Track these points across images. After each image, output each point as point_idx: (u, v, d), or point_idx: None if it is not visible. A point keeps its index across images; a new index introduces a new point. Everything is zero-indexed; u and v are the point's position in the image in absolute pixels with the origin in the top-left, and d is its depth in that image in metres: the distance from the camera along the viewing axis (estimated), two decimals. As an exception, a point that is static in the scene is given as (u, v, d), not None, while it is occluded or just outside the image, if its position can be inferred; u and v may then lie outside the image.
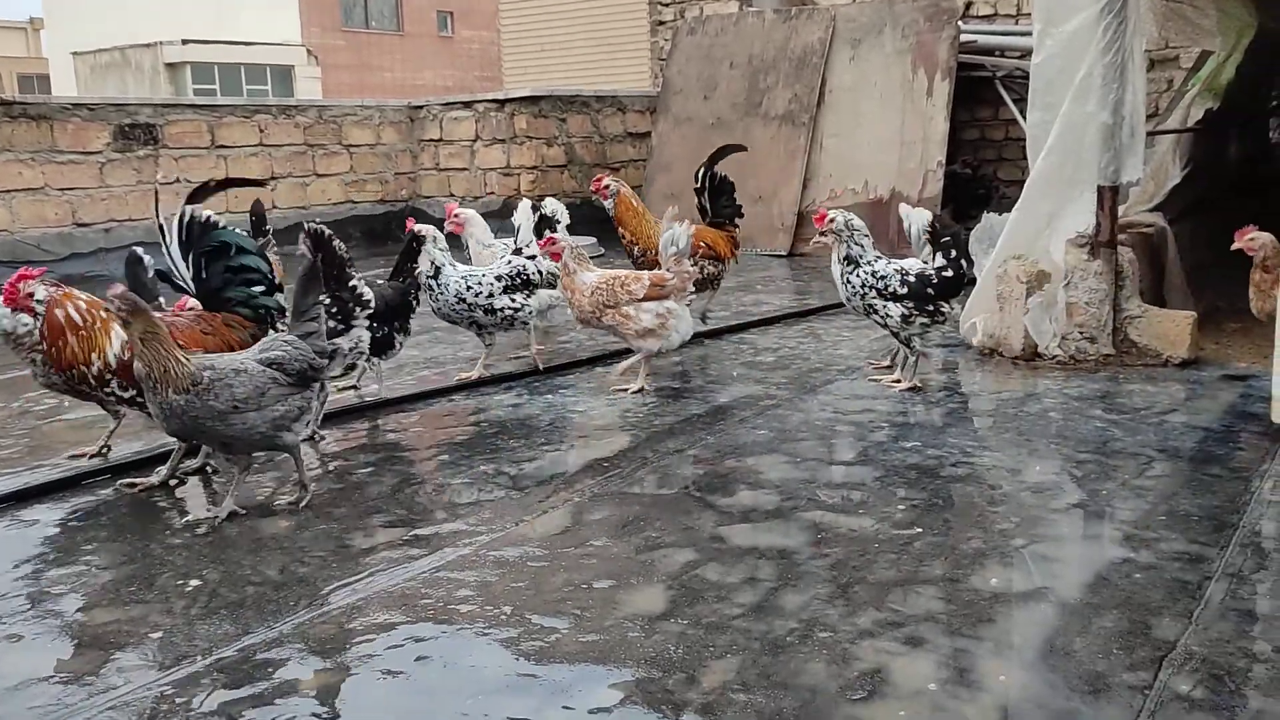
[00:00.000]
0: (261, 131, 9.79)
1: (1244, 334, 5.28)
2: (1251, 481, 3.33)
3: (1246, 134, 6.70)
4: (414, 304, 4.64)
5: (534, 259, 4.87)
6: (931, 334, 4.58)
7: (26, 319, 3.46)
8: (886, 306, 4.43)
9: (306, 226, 3.92)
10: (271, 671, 2.32)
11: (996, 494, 3.32)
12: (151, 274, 3.95)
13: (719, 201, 5.88)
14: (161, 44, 31.76)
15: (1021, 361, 5.00)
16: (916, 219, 4.76)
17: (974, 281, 4.88)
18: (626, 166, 11.40)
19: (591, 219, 8.58)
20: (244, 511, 3.28)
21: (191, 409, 3.06)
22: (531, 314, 4.86)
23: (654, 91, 11.80)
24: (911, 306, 4.41)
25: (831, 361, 5.17)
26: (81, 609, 2.67)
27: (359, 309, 3.96)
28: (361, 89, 31.73)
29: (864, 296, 4.47)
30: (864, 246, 4.49)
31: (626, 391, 4.59)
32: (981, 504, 3.24)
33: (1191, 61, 8.13)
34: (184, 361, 3.07)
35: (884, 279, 4.43)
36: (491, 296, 4.72)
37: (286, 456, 3.44)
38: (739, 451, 3.79)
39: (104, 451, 3.84)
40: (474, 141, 10.87)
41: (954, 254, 4.44)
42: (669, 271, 4.58)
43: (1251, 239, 4.57)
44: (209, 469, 3.72)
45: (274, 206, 9.34)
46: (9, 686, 2.30)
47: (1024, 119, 5.84)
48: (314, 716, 2.16)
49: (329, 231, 3.85)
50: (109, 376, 3.47)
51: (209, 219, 3.74)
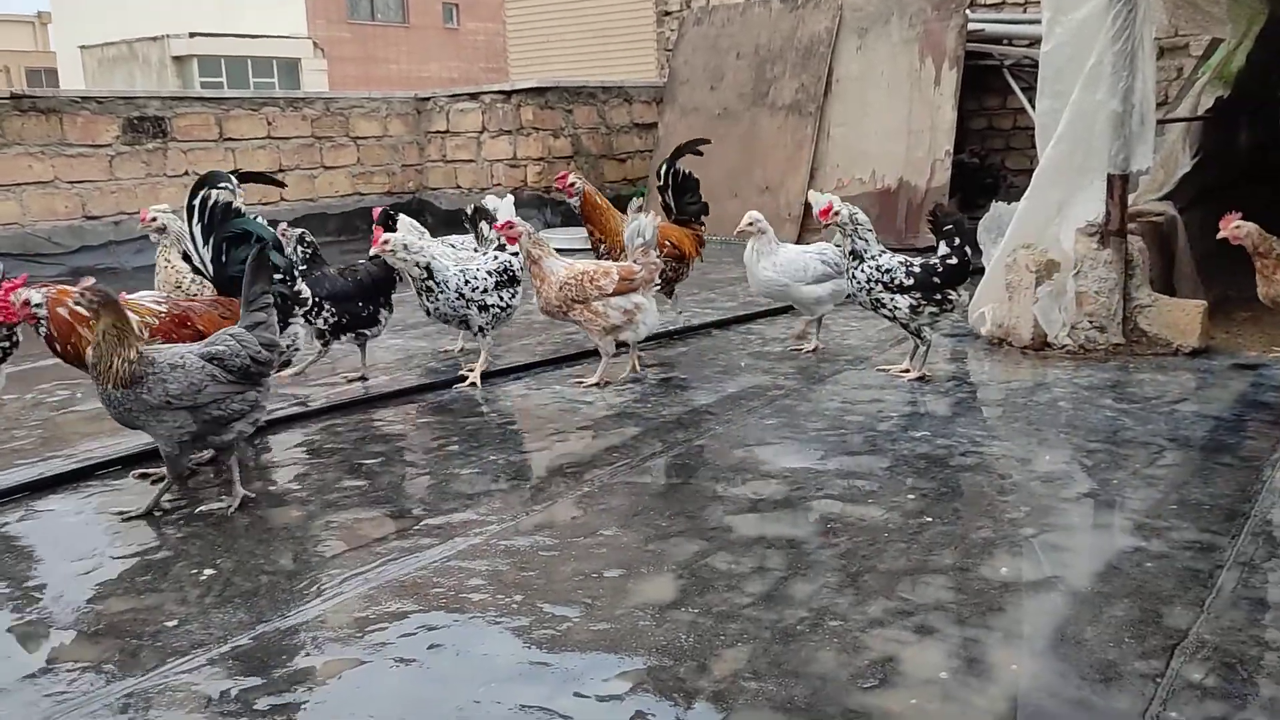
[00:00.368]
0: (269, 124, 9.80)
1: (1254, 323, 5.27)
2: (1263, 470, 3.32)
3: (1257, 122, 6.65)
4: (396, 280, 4.68)
5: (517, 255, 4.74)
6: (941, 323, 4.57)
7: None
8: (894, 299, 4.44)
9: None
10: (286, 659, 2.34)
11: (1006, 483, 3.32)
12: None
13: (683, 199, 5.72)
14: (168, 37, 31.77)
15: (1031, 351, 4.99)
16: (844, 211, 4.92)
17: (980, 269, 4.88)
18: (633, 157, 11.39)
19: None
20: (254, 497, 3.32)
21: (126, 401, 3.07)
22: (515, 310, 4.77)
23: (660, 82, 11.77)
24: (919, 297, 4.42)
25: (840, 351, 5.17)
26: (97, 598, 2.69)
27: (296, 306, 3.95)
28: (367, 81, 31.69)
29: (870, 291, 4.48)
30: (868, 241, 4.49)
31: (582, 384, 4.62)
32: (991, 493, 3.24)
33: (1202, 49, 8.09)
34: (132, 361, 3.05)
35: (889, 272, 4.44)
36: (487, 292, 4.62)
37: (299, 449, 3.46)
38: (748, 441, 3.80)
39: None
40: (481, 133, 10.87)
41: (958, 242, 4.45)
42: (636, 263, 4.59)
43: (1236, 227, 4.54)
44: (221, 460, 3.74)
45: (282, 199, 9.36)
46: (27, 674, 2.32)
47: (1032, 108, 5.81)
48: (328, 704, 2.18)
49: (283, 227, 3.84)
50: None
51: (231, 205, 3.76)
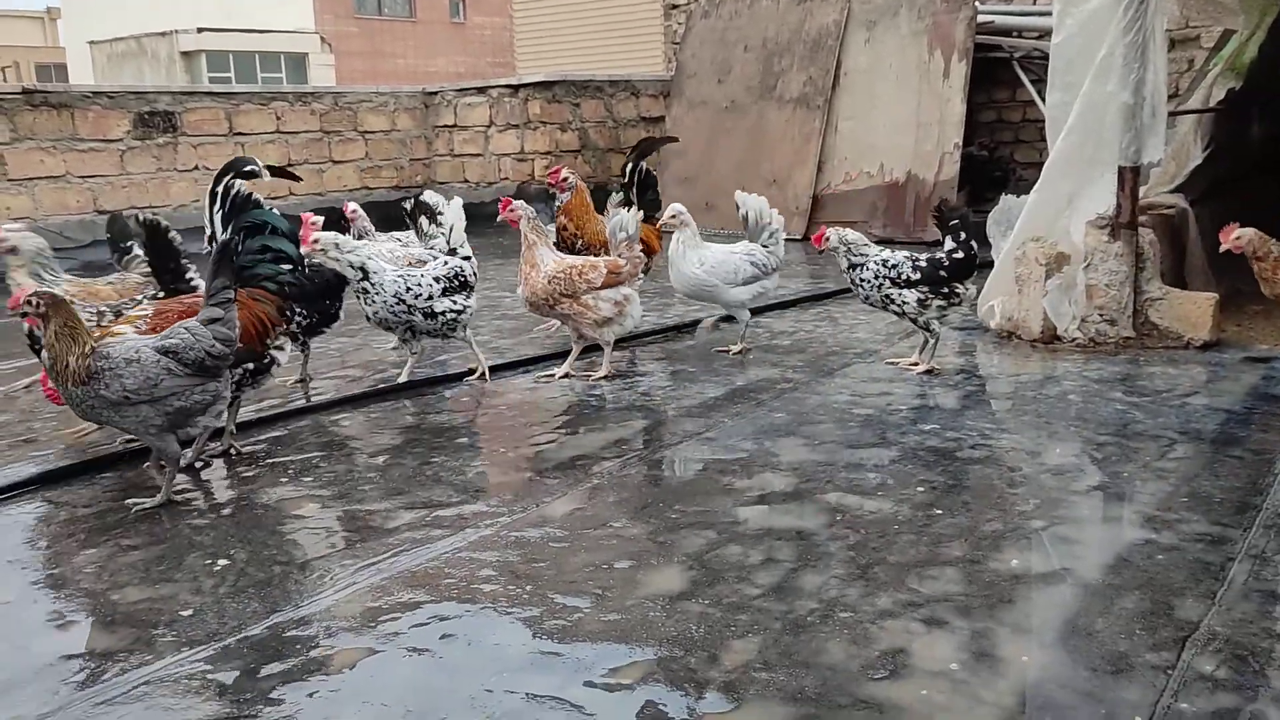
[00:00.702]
0: (278, 119, 9.83)
1: (1265, 316, 5.24)
2: (1274, 463, 3.32)
3: (1269, 114, 6.61)
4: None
5: (470, 259, 4.60)
6: (950, 316, 4.57)
7: None
8: (902, 294, 4.47)
9: (140, 217, 3.92)
10: (300, 649, 2.35)
11: (1016, 476, 3.32)
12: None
13: (645, 196, 5.80)
14: (177, 32, 31.86)
15: (1040, 344, 4.98)
16: (752, 205, 5.04)
17: (987, 263, 4.88)
18: (641, 151, 11.38)
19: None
20: (177, 500, 3.30)
21: (88, 399, 3.10)
22: (471, 317, 4.61)
23: (668, 75, 11.76)
24: (926, 290, 4.44)
25: (848, 345, 5.17)
26: (112, 588, 2.71)
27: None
28: (374, 76, 31.73)
29: (880, 288, 4.50)
30: (865, 254, 4.54)
31: (553, 377, 4.64)
32: (1001, 486, 3.24)
33: (1213, 41, 8.03)
34: (86, 355, 3.07)
35: (895, 266, 4.48)
36: (431, 299, 4.44)
37: (308, 444, 3.47)
38: (757, 434, 3.80)
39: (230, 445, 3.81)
40: (488, 127, 10.88)
41: (963, 236, 4.46)
42: (621, 257, 4.62)
43: (1237, 237, 4.56)
44: (233, 452, 3.76)
45: (291, 193, 9.39)
46: (45, 663, 2.34)
47: (1042, 100, 5.80)
48: (341, 692, 2.19)
49: (166, 223, 3.80)
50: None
51: (251, 196, 3.79)
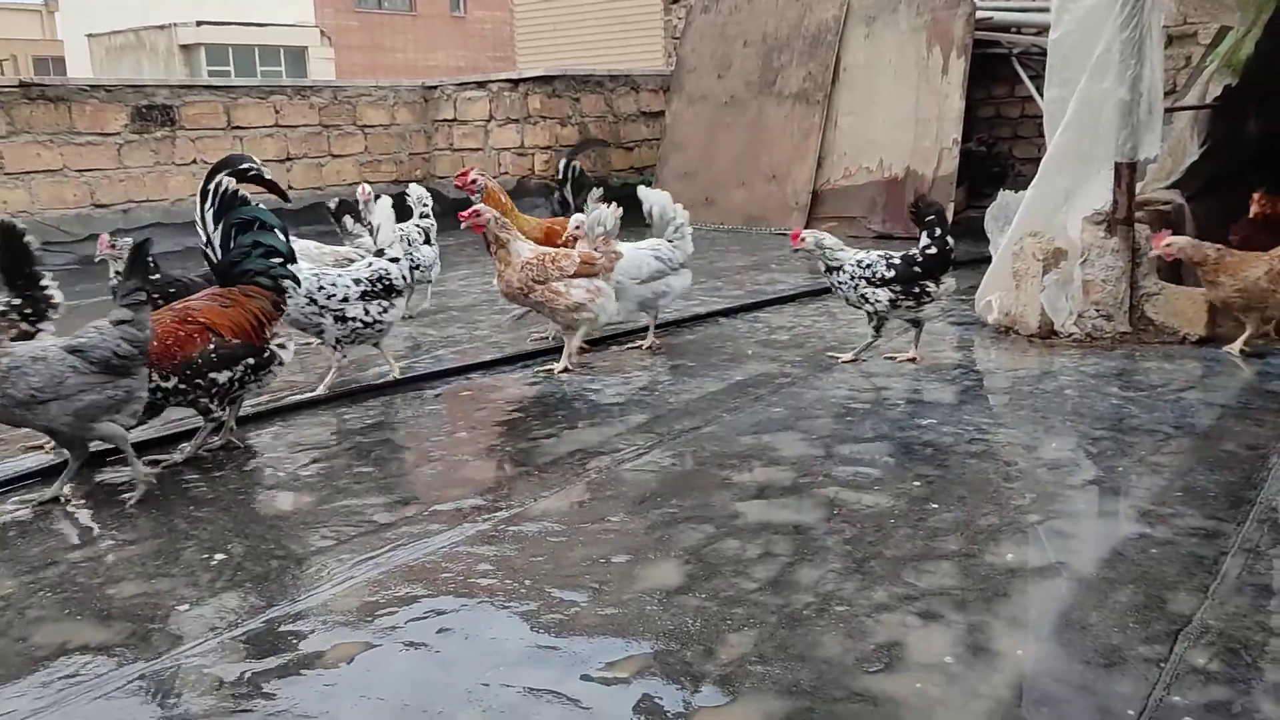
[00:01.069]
0: (277, 113, 9.82)
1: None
2: (1269, 458, 3.33)
3: (1265, 110, 6.61)
4: None
5: (398, 261, 4.43)
6: (927, 310, 4.60)
7: None
8: (875, 293, 4.53)
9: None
10: (296, 643, 2.36)
11: (1012, 470, 3.33)
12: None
13: (580, 196, 5.80)
14: (175, 26, 31.78)
15: (1037, 339, 4.99)
16: (656, 200, 5.06)
17: (971, 260, 4.88)
18: (640, 146, 11.38)
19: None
20: (69, 498, 3.30)
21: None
22: (391, 326, 4.43)
23: (667, 70, 11.75)
24: (899, 290, 4.51)
25: (846, 340, 5.17)
26: (109, 582, 2.72)
27: (50, 310, 3.79)
28: (374, 70, 31.67)
29: (856, 288, 4.57)
30: (840, 258, 4.59)
31: (552, 372, 4.66)
32: (997, 480, 3.25)
33: (1210, 37, 8.03)
34: None
35: (870, 266, 4.54)
36: (346, 301, 4.26)
37: (313, 437, 3.48)
38: (755, 428, 3.81)
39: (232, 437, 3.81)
40: (488, 122, 10.87)
41: (938, 232, 4.49)
42: (597, 251, 4.66)
43: (1168, 244, 4.62)
44: (232, 445, 3.77)
45: (290, 187, 9.39)
46: (40, 657, 2.35)
47: (1040, 96, 5.80)
48: (339, 686, 2.20)
49: (21, 227, 3.73)
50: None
51: (239, 193, 3.79)
